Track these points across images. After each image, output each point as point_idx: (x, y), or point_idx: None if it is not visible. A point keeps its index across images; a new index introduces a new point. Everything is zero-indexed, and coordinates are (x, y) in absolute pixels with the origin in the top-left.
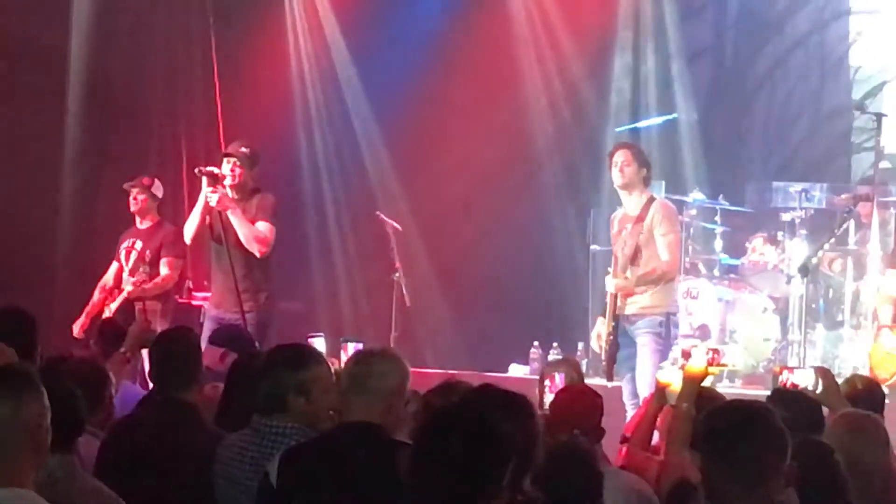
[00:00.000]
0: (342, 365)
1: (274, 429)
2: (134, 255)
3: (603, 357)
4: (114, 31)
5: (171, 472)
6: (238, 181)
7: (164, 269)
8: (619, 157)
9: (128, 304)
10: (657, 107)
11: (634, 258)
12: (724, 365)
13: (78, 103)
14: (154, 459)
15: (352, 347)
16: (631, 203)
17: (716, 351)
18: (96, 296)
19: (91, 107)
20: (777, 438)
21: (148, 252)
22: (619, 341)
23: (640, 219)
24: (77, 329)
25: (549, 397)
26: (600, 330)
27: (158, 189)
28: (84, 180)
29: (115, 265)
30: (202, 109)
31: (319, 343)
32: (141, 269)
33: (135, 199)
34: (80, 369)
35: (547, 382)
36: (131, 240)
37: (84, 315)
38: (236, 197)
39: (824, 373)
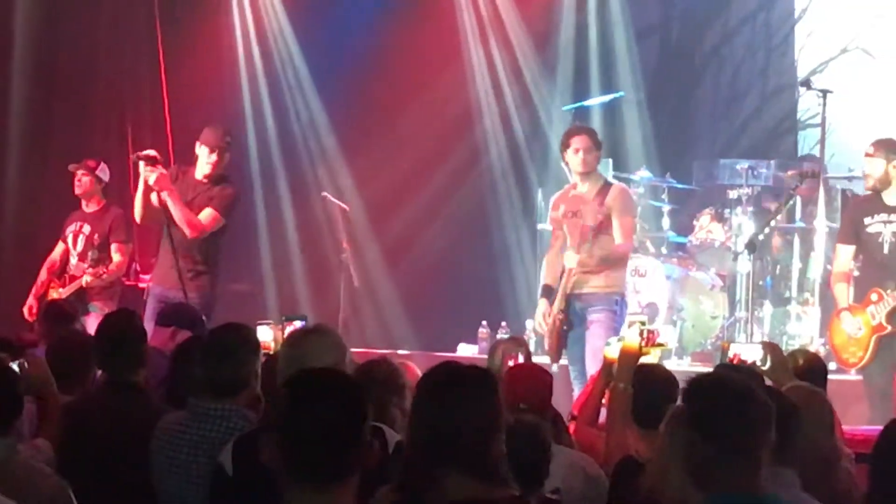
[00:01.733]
0: None
1: (214, 411)
2: (82, 239)
3: (548, 337)
4: (59, 16)
5: (118, 454)
6: (214, 170)
7: (116, 256)
8: (580, 142)
9: (79, 293)
10: (604, 85)
11: (594, 239)
12: (661, 345)
13: (23, 89)
14: (101, 442)
15: (296, 325)
16: (585, 186)
17: (651, 332)
18: (43, 275)
19: (36, 92)
20: (764, 410)
21: (96, 236)
22: (569, 320)
23: (598, 202)
24: (27, 312)
25: None
26: (544, 310)
27: (104, 172)
28: (29, 166)
29: (60, 246)
30: (148, 93)
31: (266, 331)
32: (90, 254)
33: (79, 180)
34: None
35: (510, 363)
36: (78, 223)
37: (31, 296)
38: (203, 181)
39: (772, 348)
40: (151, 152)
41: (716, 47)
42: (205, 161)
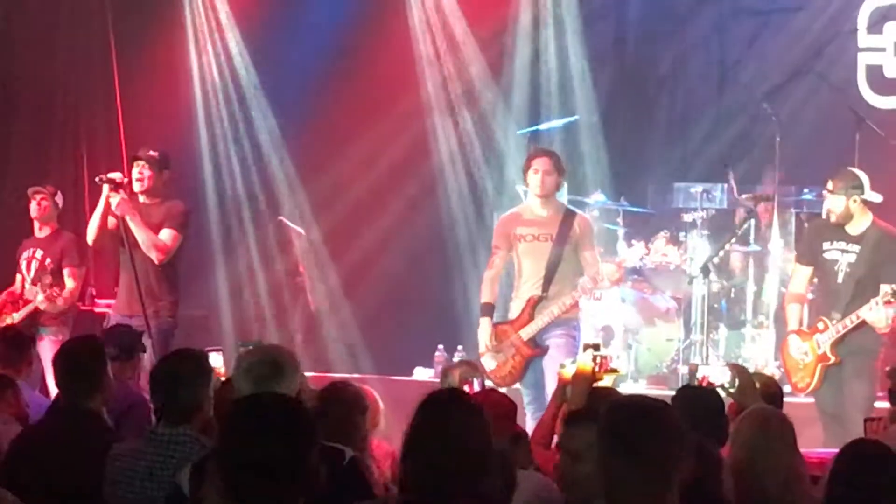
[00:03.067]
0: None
1: (169, 437)
2: (35, 265)
3: (497, 361)
4: (14, 40)
5: (71, 481)
6: (147, 185)
7: (69, 282)
8: (540, 164)
9: (32, 315)
10: (558, 109)
11: (550, 271)
12: (614, 371)
13: None
14: (56, 468)
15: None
16: (544, 210)
17: (604, 357)
18: (1, 297)
19: None
20: (676, 434)
21: (49, 260)
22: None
23: (562, 233)
24: None
25: None
26: (490, 332)
27: (60, 199)
28: None
29: (18, 277)
30: (103, 117)
31: (217, 357)
32: (43, 279)
33: (38, 204)
34: None
35: (466, 388)
36: (31, 249)
37: None
38: (147, 202)
39: (739, 370)
40: (117, 175)
41: (670, 71)
42: (136, 177)
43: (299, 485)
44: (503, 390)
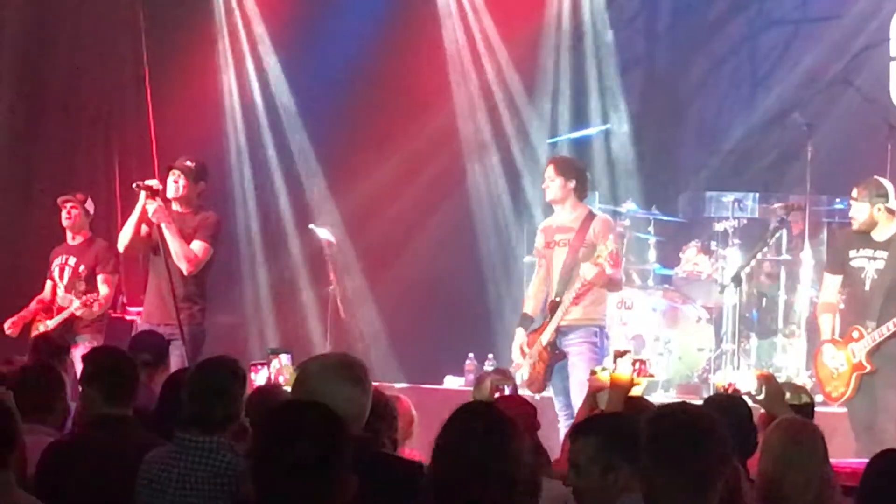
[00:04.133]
0: (273, 376)
1: (203, 444)
2: (68, 272)
3: (529, 369)
4: (45, 47)
5: (105, 489)
6: (182, 194)
7: (103, 288)
8: (546, 172)
9: (67, 322)
10: (590, 118)
11: (567, 274)
12: (650, 375)
13: (9, 118)
14: (88, 477)
15: (281, 359)
16: (563, 216)
17: (642, 361)
18: (32, 305)
19: (23, 121)
20: (720, 444)
21: (82, 268)
22: (552, 353)
23: (580, 234)
24: (9, 325)
25: None
26: (522, 341)
27: (90, 206)
28: (15, 196)
29: (49, 283)
30: (134, 124)
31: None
32: (77, 286)
33: (69, 213)
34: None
35: (497, 396)
36: (63, 256)
37: (17, 317)
38: (181, 210)
39: (768, 378)
40: (153, 183)
41: (701, 79)
42: (170, 185)
43: (332, 488)
44: (538, 397)
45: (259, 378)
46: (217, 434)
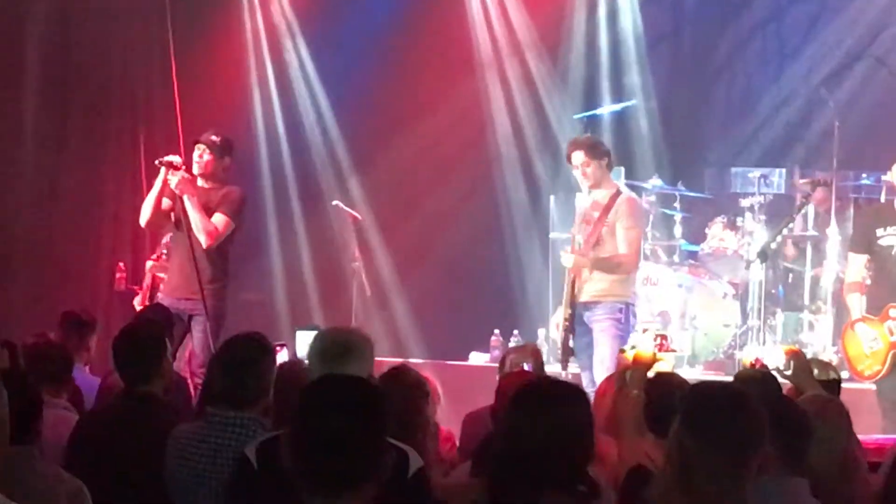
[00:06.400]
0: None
1: (233, 420)
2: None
3: (559, 344)
4: (73, 22)
5: (132, 465)
6: (206, 169)
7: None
8: (577, 158)
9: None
10: (615, 93)
11: (595, 248)
12: (673, 350)
13: (37, 96)
14: (116, 452)
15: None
16: (598, 194)
17: (663, 336)
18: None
19: (50, 98)
20: (757, 420)
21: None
22: (577, 329)
23: (605, 211)
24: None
25: None
26: (559, 318)
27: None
28: (44, 171)
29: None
30: (160, 102)
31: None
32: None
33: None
34: (43, 351)
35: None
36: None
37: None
38: (206, 186)
39: (796, 354)
40: (175, 158)
41: (728, 55)
42: (195, 160)
43: (370, 464)
44: (569, 374)
45: (281, 358)
46: (247, 410)
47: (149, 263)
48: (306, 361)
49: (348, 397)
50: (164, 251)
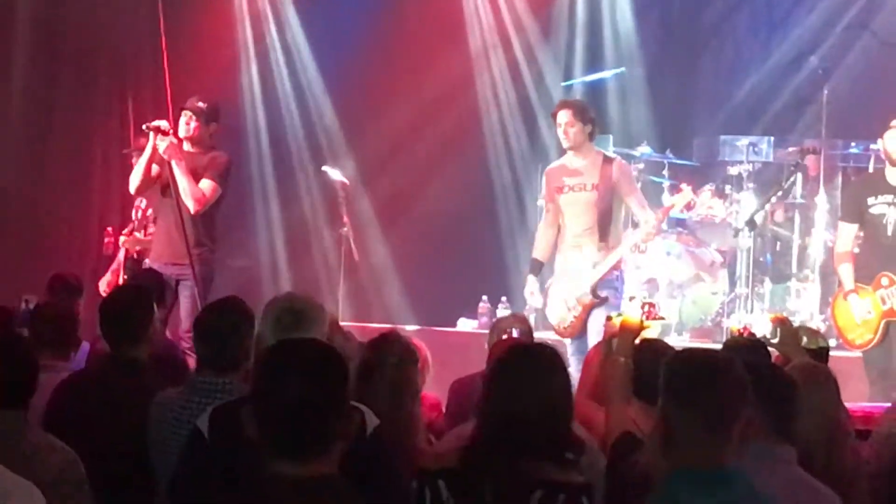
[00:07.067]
0: None
1: (216, 385)
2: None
3: (571, 318)
4: None
5: (114, 429)
6: (193, 135)
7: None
8: (562, 117)
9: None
10: (604, 61)
11: (604, 219)
12: (660, 318)
13: (26, 63)
14: (99, 417)
15: None
16: (575, 160)
17: (651, 304)
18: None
19: (39, 66)
20: (737, 384)
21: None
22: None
23: (603, 180)
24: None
25: None
26: (533, 287)
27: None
28: (32, 139)
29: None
30: (149, 68)
31: None
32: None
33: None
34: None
35: (504, 338)
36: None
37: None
38: (192, 151)
39: (783, 322)
40: (163, 123)
41: (717, 24)
42: (182, 126)
43: (336, 426)
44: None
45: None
46: (229, 375)
47: (122, 238)
48: (258, 331)
49: (309, 360)
50: (135, 224)
